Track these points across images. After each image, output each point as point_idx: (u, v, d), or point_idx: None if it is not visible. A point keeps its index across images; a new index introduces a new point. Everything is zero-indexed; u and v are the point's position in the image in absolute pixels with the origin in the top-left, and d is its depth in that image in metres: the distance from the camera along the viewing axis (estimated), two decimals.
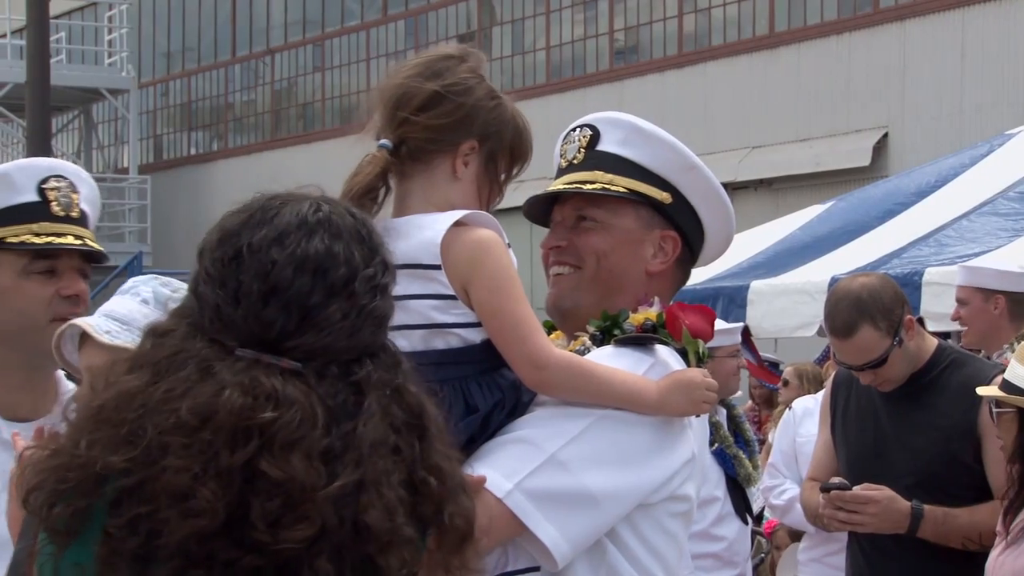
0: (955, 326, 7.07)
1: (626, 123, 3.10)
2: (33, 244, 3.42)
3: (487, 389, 2.70)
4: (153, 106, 34.17)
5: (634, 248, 3.01)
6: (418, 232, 2.68)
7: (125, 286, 3.36)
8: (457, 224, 2.68)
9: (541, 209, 3.13)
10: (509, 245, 2.73)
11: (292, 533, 2.04)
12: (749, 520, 6.99)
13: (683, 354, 2.91)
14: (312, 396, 2.11)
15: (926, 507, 4.81)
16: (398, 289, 2.63)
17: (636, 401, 2.74)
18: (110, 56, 32.49)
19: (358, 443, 2.12)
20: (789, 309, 9.29)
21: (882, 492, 4.84)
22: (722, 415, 7.04)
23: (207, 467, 2.04)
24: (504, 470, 2.65)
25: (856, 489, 4.88)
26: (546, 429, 2.70)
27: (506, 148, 2.82)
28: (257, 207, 2.23)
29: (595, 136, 3.10)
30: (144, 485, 2.04)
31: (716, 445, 6.87)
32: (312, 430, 2.08)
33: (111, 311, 3.26)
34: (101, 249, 3.53)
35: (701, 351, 2.95)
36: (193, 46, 33.27)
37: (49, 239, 3.43)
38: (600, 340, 2.90)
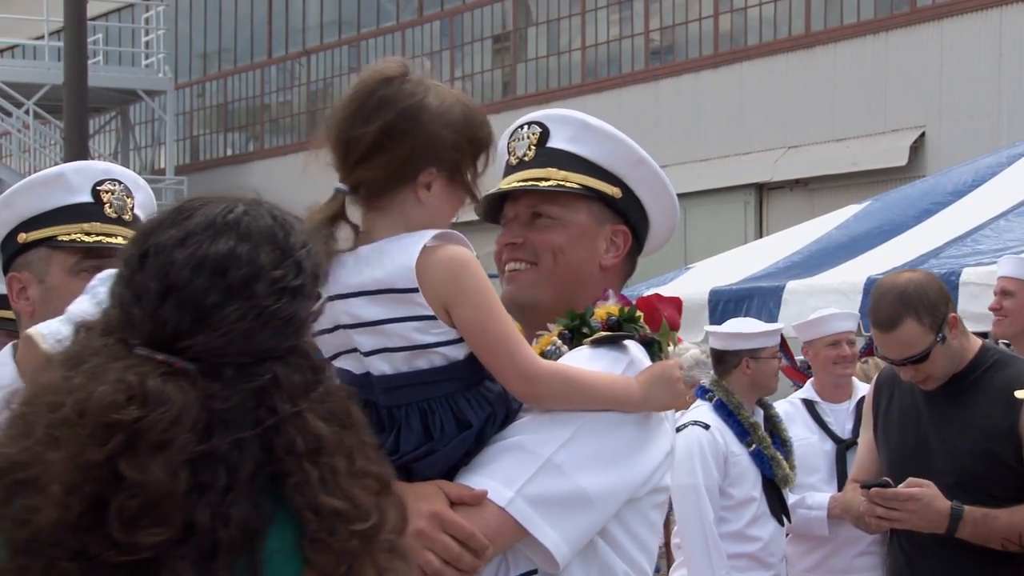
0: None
1: (574, 120, 3.13)
2: (83, 242, 3.47)
3: (476, 404, 2.72)
4: (189, 107, 34.29)
5: (589, 243, 3.05)
6: (389, 259, 2.68)
7: (89, 284, 3.38)
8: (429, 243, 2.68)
9: (492, 206, 3.13)
10: (477, 257, 2.73)
11: (145, 535, 2.04)
12: (785, 521, 6.98)
13: (648, 344, 2.93)
14: (191, 397, 2.10)
15: (965, 508, 4.79)
16: (375, 314, 2.67)
17: (623, 402, 2.78)
18: (147, 58, 32.63)
19: (256, 447, 2.12)
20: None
21: (924, 490, 4.82)
22: (759, 415, 7.04)
23: (72, 461, 2.05)
24: (503, 479, 2.69)
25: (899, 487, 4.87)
26: (538, 435, 2.73)
27: (466, 154, 2.77)
28: (175, 208, 2.23)
29: (544, 133, 3.12)
30: (35, 478, 2.07)
31: (754, 446, 6.86)
32: (182, 432, 2.07)
33: (68, 313, 3.28)
34: None
35: (673, 340, 2.98)
36: (229, 47, 33.37)
37: (99, 238, 3.48)
38: (569, 339, 2.92)
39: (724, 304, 9.78)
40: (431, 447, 2.68)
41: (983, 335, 6.29)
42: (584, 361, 2.84)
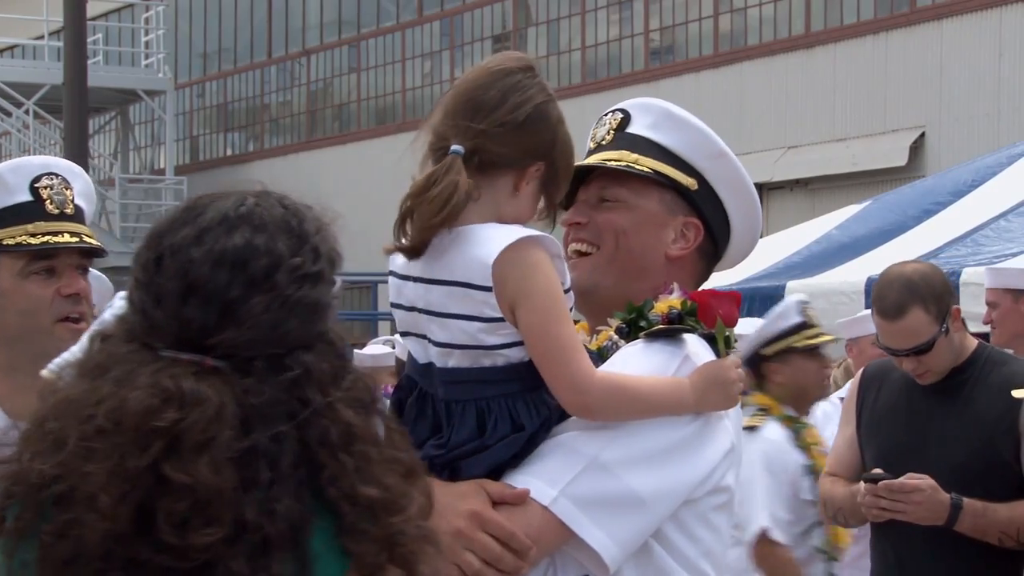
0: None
1: (657, 108, 3.09)
2: (29, 245, 3.42)
3: (534, 408, 2.65)
4: (189, 107, 34.31)
5: (655, 230, 2.97)
6: (472, 248, 2.62)
7: (111, 303, 3.33)
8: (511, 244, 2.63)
9: (568, 192, 3.03)
10: (562, 257, 2.69)
11: (199, 537, 2.02)
12: None
13: (710, 339, 2.84)
14: (226, 394, 2.08)
15: (965, 499, 4.77)
16: (448, 307, 2.62)
17: (676, 408, 2.70)
18: (147, 58, 32.65)
19: (293, 440, 2.10)
20: (826, 310, 9.25)
21: (925, 481, 4.80)
22: None
23: (115, 471, 2.03)
24: (547, 478, 2.61)
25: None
26: (584, 433, 2.65)
27: (564, 170, 2.77)
28: (184, 207, 2.22)
29: (625, 119, 3.08)
30: (73, 491, 2.05)
31: None
32: (222, 431, 2.05)
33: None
34: (99, 245, 3.52)
35: (731, 337, 2.88)
36: (229, 47, 33.40)
37: (45, 239, 3.42)
38: (626, 333, 2.85)
39: None
40: (481, 443, 2.62)
41: (984, 336, 6.30)
42: (638, 354, 2.76)
